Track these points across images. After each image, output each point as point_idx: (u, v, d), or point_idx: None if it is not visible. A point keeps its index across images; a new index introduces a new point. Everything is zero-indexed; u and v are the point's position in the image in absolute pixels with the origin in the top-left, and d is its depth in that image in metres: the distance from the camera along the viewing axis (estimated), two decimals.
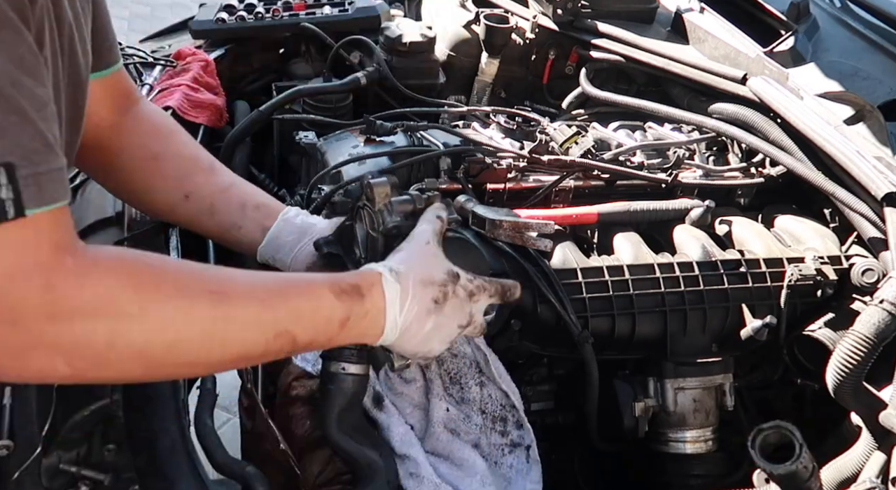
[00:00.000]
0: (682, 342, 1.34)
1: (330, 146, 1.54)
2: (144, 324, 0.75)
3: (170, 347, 0.78)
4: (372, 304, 0.93)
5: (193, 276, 0.82)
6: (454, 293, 1.00)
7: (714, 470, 1.34)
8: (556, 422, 1.41)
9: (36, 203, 0.68)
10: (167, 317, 0.76)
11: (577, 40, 1.94)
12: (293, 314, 0.86)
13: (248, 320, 0.82)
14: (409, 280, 0.96)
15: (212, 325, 0.79)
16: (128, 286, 0.74)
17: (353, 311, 0.91)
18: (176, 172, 1.20)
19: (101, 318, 0.73)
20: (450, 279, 1.00)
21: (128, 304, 0.74)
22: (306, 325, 0.88)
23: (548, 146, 1.55)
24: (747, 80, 1.61)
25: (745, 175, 1.62)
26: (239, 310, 0.81)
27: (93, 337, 0.73)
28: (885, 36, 1.87)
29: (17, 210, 0.67)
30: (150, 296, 0.75)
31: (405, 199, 1.12)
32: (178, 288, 0.78)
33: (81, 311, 0.71)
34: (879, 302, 1.17)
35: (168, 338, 0.77)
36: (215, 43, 1.91)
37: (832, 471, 1.17)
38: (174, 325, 0.77)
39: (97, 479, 1.01)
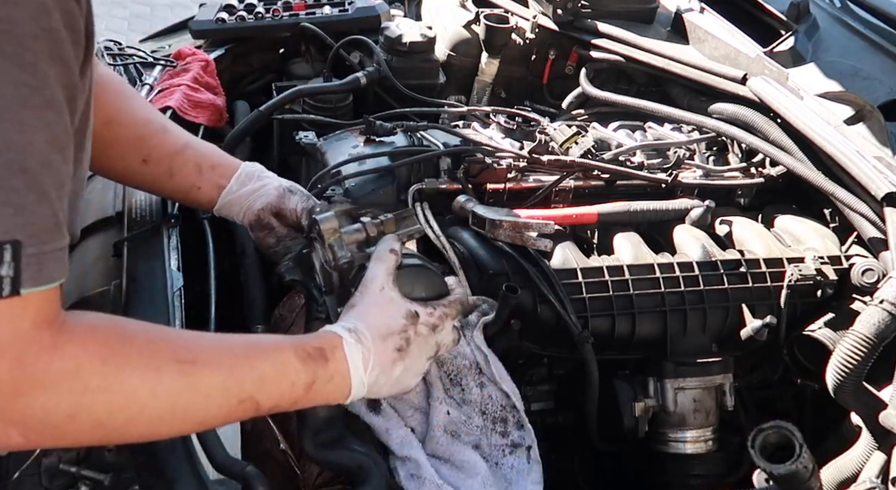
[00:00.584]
0: (682, 342, 1.34)
1: (330, 146, 1.54)
2: (109, 397, 0.75)
3: (131, 419, 0.78)
4: (336, 368, 0.93)
5: (163, 344, 0.81)
6: (416, 333, 1.00)
7: (714, 470, 1.34)
8: (556, 422, 1.41)
9: (33, 283, 0.69)
10: (132, 390, 0.76)
11: (577, 40, 1.94)
12: (258, 380, 0.86)
13: (214, 389, 0.82)
14: (369, 337, 0.96)
15: (177, 395, 0.80)
16: (95, 358, 0.74)
17: (318, 375, 0.91)
18: (131, 137, 1.20)
19: (65, 393, 0.72)
20: (409, 323, 1.00)
21: (93, 378, 0.74)
22: (271, 391, 0.88)
23: (548, 146, 1.55)
24: (747, 80, 1.61)
25: (745, 175, 1.62)
26: (206, 379, 0.81)
27: (54, 411, 0.72)
28: (885, 36, 1.87)
29: (12, 288, 0.67)
30: (116, 369, 0.75)
31: (356, 229, 1.10)
32: (147, 358, 0.78)
33: (47, 385, 0.71)
34: (879, 302, 1.17)
35: (131, 410, 0.77)
36: (215, 43, 1.91)
37: (832, 471, 1.17)
38: (138, 398, 0.77)
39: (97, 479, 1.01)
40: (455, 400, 1.19)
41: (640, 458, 1.40)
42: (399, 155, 1.47)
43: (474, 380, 1.20)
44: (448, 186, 1.44)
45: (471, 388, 1.20)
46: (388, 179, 1.45)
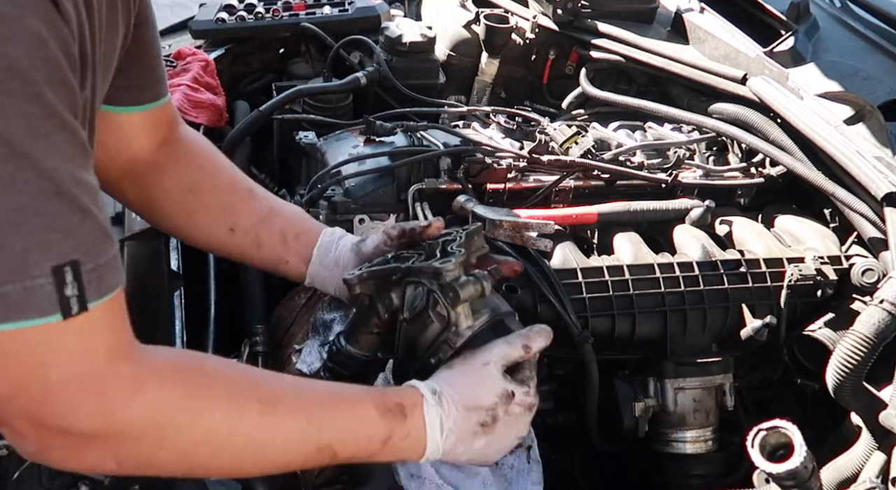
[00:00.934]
0: (682, 342, 1.34)
1: (330, 146, 1.54)
2: (193, 431, 0.78)
3: (214, 453, 0.80)
4: (413, 426, 0.91)
5: (245, 383, 0.83)
6: (507, 413, 0.96)
7: (714, 470, 1.34)
8: (556, 422, 1.41)
9: (97, 295, 0.70)
10: (215, 425, 0.79)
11: (577, 40, 1.94)
12: (337, 430, 0.87)
13: (293, 433, 0.84)
14: (452, 404, 0.93)
15: (257, 435, 0.81)
16: (180, 395, 0.76)
17: (395, 431, 0.90)
18: (217, 204, 1.18)
19: (152, 427, 0.75)
20: (501, 402, 0.96)
21: (179, 413, 0.76)
22: (348, 442, 0.88)
23: (548, 146, 1.55)
24: (747, 80, 1.61)
25: (745, 175, 1.62)
26: (285, 422, 0.83)
27: (142, 442, 0.75)
28: (885, 36, 1.87)
29: (80, 305, 0.69)
30: (201, 404, 0.78)
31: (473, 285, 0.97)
32: (229, 395, 0.80)
33: (133, 420, 0.74)
34: (879, 302, 1.17)
35: (214, 445, 0.79)
36: (215, 43, 1.91)
37: (832, 471, 1.17)
38: (221, 434, 0.79)
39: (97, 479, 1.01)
40: None
41: (640, 459, 1.40)
42: (399, 155, 1.46)
43: None
44: (448, 186, 1.44)
45: None
46: (388, 179, 1.45)
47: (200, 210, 1.17)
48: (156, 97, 1.11)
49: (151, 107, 1.11)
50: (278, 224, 1.19)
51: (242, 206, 1.19)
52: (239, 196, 1.19)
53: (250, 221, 1.18)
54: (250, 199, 1.20)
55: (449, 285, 0.96)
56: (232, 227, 1.17)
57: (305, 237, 1.19)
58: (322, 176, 1.45)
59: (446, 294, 0.96)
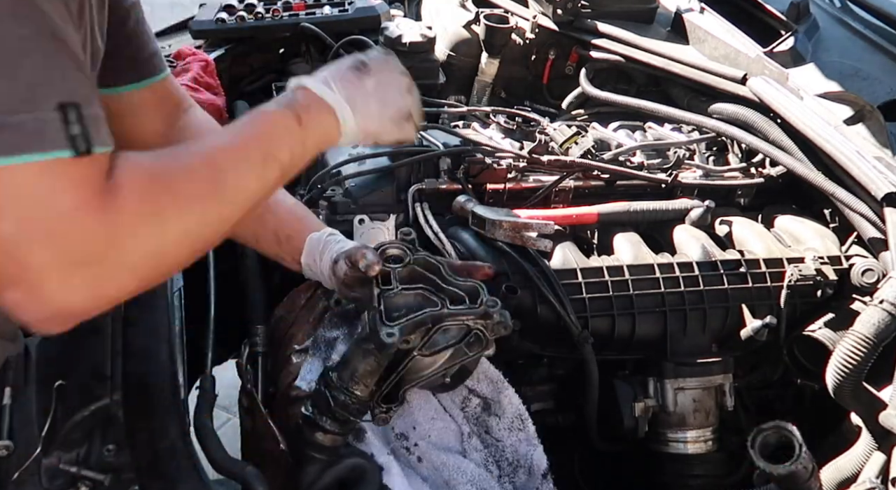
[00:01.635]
0: (682, 342, 1.34)
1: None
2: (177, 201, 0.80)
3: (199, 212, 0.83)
4: (308, 98, 0.98)
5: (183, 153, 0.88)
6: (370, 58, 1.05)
7: (714, 470, 1.34)
8: (556, 422, 1.41)
9: (100, 143, 0.72)
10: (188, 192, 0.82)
11: (577, 40, 1.94)
12: (264, 140, 0.92)
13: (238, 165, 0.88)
14: (323, 73, 1.01)
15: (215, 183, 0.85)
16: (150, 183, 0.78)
17: (298, 110, 0.96)
18: None
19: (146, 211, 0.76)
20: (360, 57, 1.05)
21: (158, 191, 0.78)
22: (278, 142, 0.93)
23: (548, 146, 1.55)
24: (747, 80, 1.61)
25: (745, 175, 1.62)
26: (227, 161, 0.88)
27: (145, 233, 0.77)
28: (885, 36, 1.87)
29: (86, 145, 0.70)
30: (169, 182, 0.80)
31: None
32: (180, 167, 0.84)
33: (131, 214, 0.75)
34: (879, 302, 1.17)
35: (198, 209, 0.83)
36: (215, 43, 1.91)
37: (832, 471, 1.17)
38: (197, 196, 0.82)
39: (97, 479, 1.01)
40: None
41: (640, 459, 1.40)
42: (399, 155, 1.46)
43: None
44: (448, 186, 1.44)
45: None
46: (388, 180, 1.45)
47: None
48: (153, 71, 1.14)
49: (152, 81, 1.14)
50: (272, 223, 1.21)
51: None
52: None
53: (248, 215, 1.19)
54: None
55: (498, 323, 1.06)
56: None
57: (296, 239, 1.22)
58: (322, 176, 1.45)
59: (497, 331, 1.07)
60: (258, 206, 0.95)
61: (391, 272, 1.08)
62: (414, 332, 1.02)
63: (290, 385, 1.21)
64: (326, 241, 1.19)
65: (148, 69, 1.13)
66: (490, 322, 1.05)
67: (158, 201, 0.78)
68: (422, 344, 1.04)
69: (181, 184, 0.82)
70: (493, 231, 1.32)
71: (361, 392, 1.05)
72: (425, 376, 1.08)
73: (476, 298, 1.06)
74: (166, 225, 0.79)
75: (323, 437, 1.06)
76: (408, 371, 1.07)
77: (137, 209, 0.75)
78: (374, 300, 1.04)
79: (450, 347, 1.07)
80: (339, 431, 1.06)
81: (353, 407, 1.05)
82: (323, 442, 1.06)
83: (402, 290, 1.06)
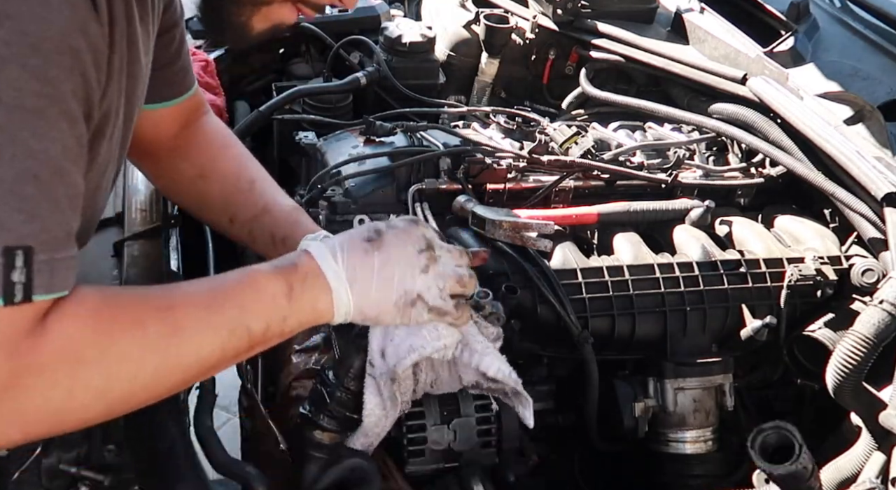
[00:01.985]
0: (682, 342, 1.34)
1: (330, 146, 1.54)
2: (103, 363, 0.74)
3: (131, 381, 0.76)
4: (308, 268, 0.90)
5: (142, 298, 0.81)
6: (390, 227, 0.95)
7: (714, 470, 1.34)
8: (556, 422, 1.41)
9: (44, 290, 0.69)
10: (124, 350, 0.75)
11: (577, 40, 1.94)
12: (239, 306, 0.84)
13: (199, 326, 0.81)
14: (335, 239, 0.95)
15: (166, 343, 0.78)
16: (87, 329, 0.73)
17: (292, 280, 0.88)
18: (220, 193, 1.20)
19: (62, 371, 0.71)
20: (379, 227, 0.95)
21: (86, 349, 0.72)
22: (256, 311, 0.86)
23: (548, 146, 1.55)
24: (747, 80, 1.61)
25: (745, 175, 1.62)
26: (187, 319, 0.80)
27: (52, 393, 0.71)
28: (885, 36, 1.87)
29: (24, 294, 0.67)
30: (106, 334, 0.74)
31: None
32: (131, 314, 0.77)
33: (43, 367, 0.70)
34: (879, 302, 1.17)
35: (128, 371, 0.76)
36: (215, 43, 1.91)
37: (832, 471, 1.17)
38: (131, 357, 0.76)
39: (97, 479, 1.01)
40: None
41: (640, 459, 1.40)
42: (399, 155, 1.47)
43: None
44: (448, 186, 1.44)
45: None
46: (388, 180, 1.45)
47: (206, 196, 1.21)
48: (186, 88, 1.16)
49: (184, 98, 1.16)
50: (268, 224, 1.20)
51: (241, 199, 1.21)
52: (239, 188, 1.21)
53: (246, 216, 1.20)
54: (250, 193, 1.21)
55: (491, 315, 1.10)
56: (231, 218, 1.20)
57: (290, 242, 1.20)
58: (322, 176, 1.45)
59: (490, 322, 1.09)
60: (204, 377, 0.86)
61: None
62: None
63: (289, 385, 1.21)
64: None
65: (183, 87, 1.15)
66: (482, 313, 1.05)
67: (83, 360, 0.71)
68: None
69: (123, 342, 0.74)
70: (493, 231, 1.32)
71: (358, 388, 1.05)
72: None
73: None
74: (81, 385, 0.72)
75: (321, 435, 1.06)
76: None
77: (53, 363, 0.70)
78: None
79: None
80: (338, 429, 1.06)
81: (350, 404, 1.05)
82: (322, 440, 1.06)
83: None
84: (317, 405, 1.07)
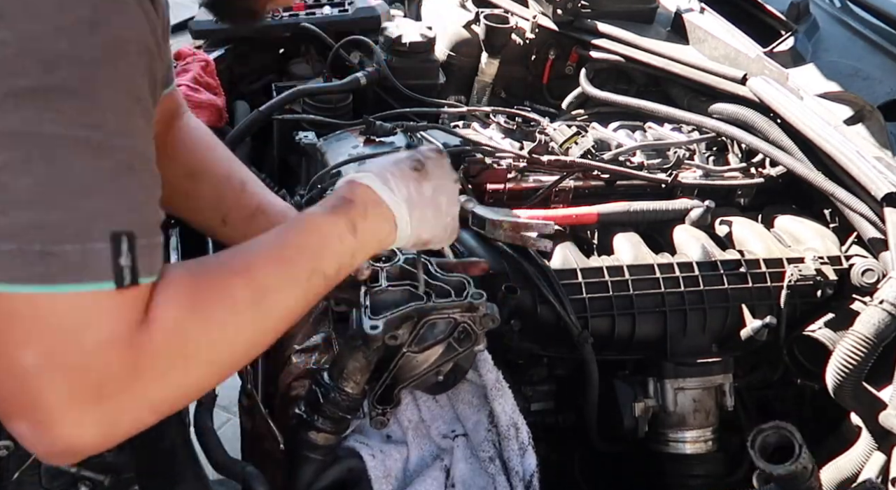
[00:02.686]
0: (682, 342, 1.34)
1: (330, 146, 1.54)
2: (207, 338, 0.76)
3: (233, 345, 0.80)
4: (363, 199, 0.93)
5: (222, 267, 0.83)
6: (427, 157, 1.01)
7: (714, 470, 1.34)
8: (556, 422, 1.41)
9: (147, 273, 0.70)
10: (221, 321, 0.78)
11: (577, 40, 1.94)
12: (311, 255, 0.88)
13: (280, 283, 0.84)
14: (378, 165, 0.98)
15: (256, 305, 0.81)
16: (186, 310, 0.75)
17: (353, 215, 0.91)
18: (211, 194, 1.20)
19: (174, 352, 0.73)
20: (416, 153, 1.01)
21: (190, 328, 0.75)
22: (328, 256, 0.89)
23: (548, 146, 1.55)
24: (747, 80, 1.61)
25: (745, 175, 1.62)
26: (268, 278, 0.83)
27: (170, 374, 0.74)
28: (885, 36, 1.87)
29: (132, 278, 0.69)
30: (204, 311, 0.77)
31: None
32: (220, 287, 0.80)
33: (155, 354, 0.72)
34: (879, 302, 1.17)
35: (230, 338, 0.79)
36: (215, 43, 1.91)
37: (832, 471, 1.17)
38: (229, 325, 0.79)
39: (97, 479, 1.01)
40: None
41: (640, 459, 1.40)
42: None
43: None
44: None
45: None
46: None
47: (197, 197, 1.20)
48: (167, 84, 1.13)
49: (162, 94, 1.13)
50: (262, 224, 1.20)
51: (234, 199, 1.20)
52: (231, 188, 1.21)
53: (239, 216, 1.20)
54: (242, 193, 1.22)
55: (485, 316, 1.07)
56: (223, 219, 1.20)
57: None
58: (322, 176, 1.45)
59: (485, 324, 1.07)
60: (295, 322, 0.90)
61: (379, 270, 1.09)
62: (400, 327, 1.03)
63: (289, 385, 1.21)
64: None
65: (166, 81, 1.12)
66: (476, 315, 1.05)
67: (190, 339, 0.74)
68: (410, 340, 1.04)
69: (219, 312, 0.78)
70: (493, 231, 1.32)
71: (352, 389, 1.05)
72: (418, 375, 1.08)
73: (462, 292, 1.06)
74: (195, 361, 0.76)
75: (316, 435, 1.06)
76: (400, 369, 1.07)
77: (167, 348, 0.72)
78: (361, 297, 1.05)
79: (439, 343, 1.07)
80: (333, 430, 1.07)
81: (343, 404, 1.05)
82: (316, 441, 1.06)
83: (389, 287, 1.07)
84: (312, 406, 1.07)
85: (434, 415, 1.20)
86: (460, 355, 1.08)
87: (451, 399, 1.20)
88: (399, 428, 1.18)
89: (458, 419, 1.21)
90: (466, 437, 1.19)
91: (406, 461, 1.15)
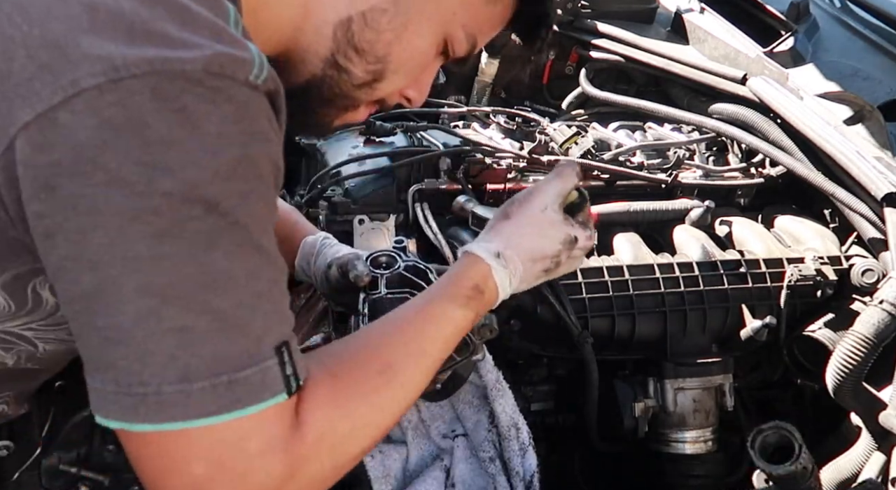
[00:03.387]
0: (681, 342, 1.34)
1: (330, 146, 1.54)
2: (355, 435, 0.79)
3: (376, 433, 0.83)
4: (490, 296, 0.95)
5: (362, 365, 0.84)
6: (570, 257, 0.99)
7: (714, 470, 1.34)
8: (556, 422, 1.41)
9: (302, 377, 0.72)
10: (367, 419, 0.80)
11: (577, 40, 1.94)
12: (443, 344, 0.90)
13: (417, 377, 0.87)
14: (517, 261, 0.95)
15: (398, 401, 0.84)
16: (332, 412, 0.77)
17: (479, 309, 0.94)
18: None
19: (324, 453, 0.75)
20: (565, 248, 0.98)
21: (339, 428, 0.77)
22: (450, 342, 0.91)
23: (547, 146, 1.55)
24: (747, 80, 1.61)
25: (745, 175, 1.62)
26: (406, 373, 0.85)
27: (322, 472, 0.76)
28: (885, 36, 1.87)
29: (297, 382, 0.71)
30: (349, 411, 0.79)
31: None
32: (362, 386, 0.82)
33: (307, 458, 0.74)
34: (879, 302, 1.17)
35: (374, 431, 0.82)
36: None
37: (832, 471, 1.17)
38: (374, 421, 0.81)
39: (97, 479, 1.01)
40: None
41: (640, 459, 1.40)
42: (399, 155, 1.47)
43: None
44: (448, 186, 1.44)
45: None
46: (387, 180, 1.45)
47: None
48: None
49: None
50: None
51: None
52: None
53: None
54: None
55: (483, 326, 1.08)
56: None
57: (287, 244, 1.21)
58: (322, 176, 1.45)
59: (483, 335, 1.08)
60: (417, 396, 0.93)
61: (378, 277, 1.09)
62: None
63: None
64: (321, 246, 1.20)
65: None
66: (474, 325, 1.04)
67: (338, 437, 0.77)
68: None
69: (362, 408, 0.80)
70: None
71: None
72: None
73: None
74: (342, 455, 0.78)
75: None
76: None
77: (317, 449, 0.74)
78: (360, 304, 1.05)
79: None
80: None
81: None
82: None
83: (388, 295, 1.07)
84: None
85: (434, 415, 1.20)
86: (458, 364, 1.08)
87: (451, 399, 1.20)
88: (398, 428, 1.18)
89: (459, 419, 1.21)
90: (466, 437, 1.19)
91: (406, 461, 1.15)
